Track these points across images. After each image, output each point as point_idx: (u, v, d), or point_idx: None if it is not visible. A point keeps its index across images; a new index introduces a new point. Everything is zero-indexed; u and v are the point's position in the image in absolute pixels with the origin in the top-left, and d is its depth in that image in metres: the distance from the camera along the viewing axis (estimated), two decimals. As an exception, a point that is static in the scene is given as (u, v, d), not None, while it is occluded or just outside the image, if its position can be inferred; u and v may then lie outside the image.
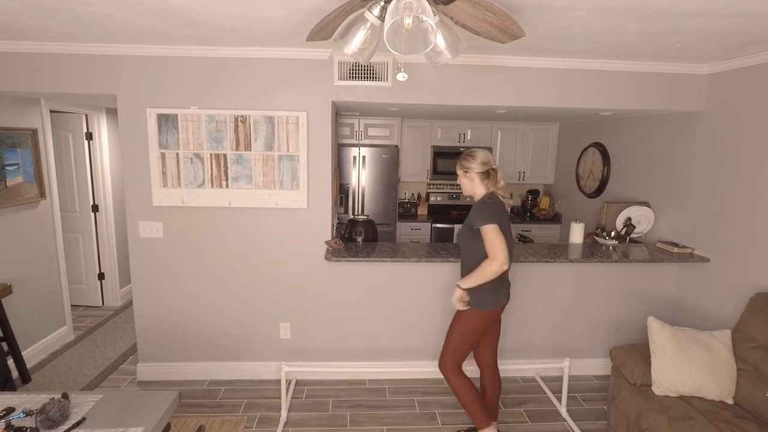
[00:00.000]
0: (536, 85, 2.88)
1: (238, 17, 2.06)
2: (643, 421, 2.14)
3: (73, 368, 3.25)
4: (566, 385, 2.79)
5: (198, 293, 3.03)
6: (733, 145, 2.72)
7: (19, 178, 3.10)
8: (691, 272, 3.05)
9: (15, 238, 3.12)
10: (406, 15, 1.24)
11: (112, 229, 4.35)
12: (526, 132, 5.06)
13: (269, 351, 3.12)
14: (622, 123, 3.87)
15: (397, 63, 2.72)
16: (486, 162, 2.22)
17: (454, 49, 1.53)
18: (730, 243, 2.74)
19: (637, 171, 3.64)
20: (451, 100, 2.88)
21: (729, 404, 2.17)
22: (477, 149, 2.28)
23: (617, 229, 3.34)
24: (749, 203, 2.61)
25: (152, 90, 2.76)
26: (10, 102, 3.03)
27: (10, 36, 2.48)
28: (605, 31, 2.17)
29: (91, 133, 4.10)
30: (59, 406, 1.57)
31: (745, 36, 2.19)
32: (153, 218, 2.91)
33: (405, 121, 4.89)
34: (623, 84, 2.90)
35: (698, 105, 2.95)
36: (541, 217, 5.11)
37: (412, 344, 3.12)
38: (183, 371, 3.11)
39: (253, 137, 2.83)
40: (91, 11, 1.99)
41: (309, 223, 2.97)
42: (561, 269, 3.10)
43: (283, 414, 2.69)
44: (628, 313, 3.20)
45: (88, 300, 4.38)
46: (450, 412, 2.81)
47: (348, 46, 1.50)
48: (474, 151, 2.27)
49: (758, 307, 2.32)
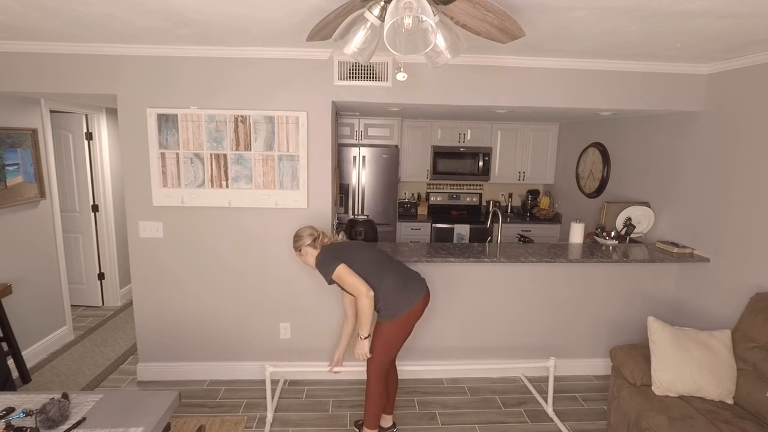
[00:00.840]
0: (536, 85, 2.88)
1: (238, 17, 2.06)
2: (643, 421, 2.14)
3: (73, 368, 3.25)
4: (552, 385, 2.80)
5: (198, 293, 3.03)
6: (733, 145, 2.72)
7: (19, 178, 3.10)
8: (691, 272, 3.05)
9: (15, 238, 3.12)
10: (406, 15, 1.24)
11: (112, 229, 4.35)
12: (526, 132, 5.06)
13: (269, 351, 3.12)
14: (622, 123, 3.87)
15: (397, 63, 2.72)
16: (311, 233, 2.36)
17: (454, 49, 1.53)
18: (730, 243, 2.74)
19: (637, 171, 3.64)
20: (451, 100, 2.88)
21: (729, 404, 2.17)
22: (298, 230, 2.40)
23: (617, 229, 3.34)
24: (749, 203, 2.61)
25: (152, 90, 2.76)
26: (10, 102, 3.03)
27: (10, 36, 2.48)
28: (605, 32, 2.17)
29: (91, 133, 4.10)
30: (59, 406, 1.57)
31: (745, 36, 2.19)
32: (153, 218, 2.91)
33: (405, 121, 4.89)
34: (623, 84, 2.90)
35: (698, 105, 2.96)
36: (541, 217, 5.12)
37: (412, 344, 3.12)
38: (183, 371, 3.11)
39: (253, 137, 2.83)
40: (91, 11, 1.99)
41: (309, 223, 2.97)
42: (561, 269, 3.10)
43: (269, 415, 2.69)
44: (628, 313, 3.20)
45: (88, 300, 4.38)
46: (450, 412, 2.81)
47: (348, 46, 1.50)
48: (297, 231, 2.39)
49: (758, 307, 2.32)
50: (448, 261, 2.83)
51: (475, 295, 3.08)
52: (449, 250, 3.01)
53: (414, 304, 2.26)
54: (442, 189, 5.47)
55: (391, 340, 2.30)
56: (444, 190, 5.47)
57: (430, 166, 5.05)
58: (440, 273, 3.03)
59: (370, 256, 2.32)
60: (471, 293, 3.07)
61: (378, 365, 2.32)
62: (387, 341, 2.30)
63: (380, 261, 2.32)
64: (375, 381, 2.33)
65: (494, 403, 2.90)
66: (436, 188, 5.47)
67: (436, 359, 3.15)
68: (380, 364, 2.32)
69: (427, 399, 2.94)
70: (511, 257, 2.85)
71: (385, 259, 2.36)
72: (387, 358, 2.33)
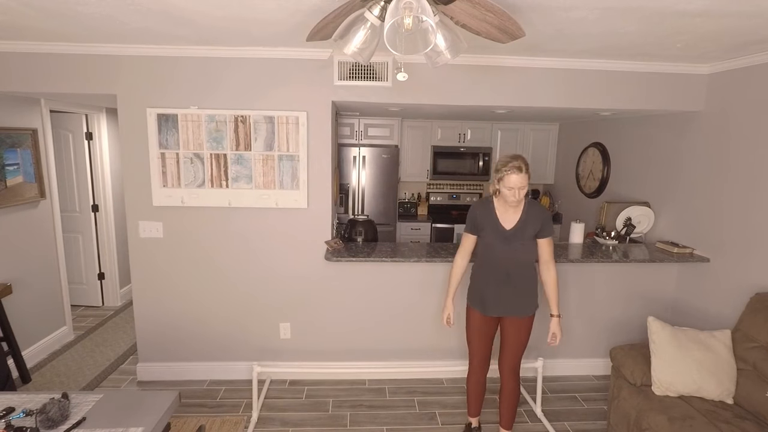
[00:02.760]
0: (536, 85, 2.88)
1: (238, 17, 2.06)
2: (643, 421, 2.14)
3: (73, 368, 3.25)
4: (540, 385, 2.81)
5: (198, 293, 3.03)
6: (733, 144, 2.72)
7: (19, 178, 3.10)
8: (691, 272, 3.05)
9: (15, 238, 3.12)
10: (406, 15, 1.24)
11: (112, 229, 4.34)
12: (526, 132, 5.06)
13: (269, 351, 3.12)
14: (622, 123, 3.87)
15: (397, 63, 2.72)
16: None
17: (454, 49, 1.53)
18: (730, 243, 2.74)
19: (637, 171, 3.64)
20: (451, 100, 2.88)
21: (729, 404, 2.17)
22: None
23: (617, 229, 3.34)
24: (749, 203, 2.61)
25: (152, 90, 2.76)
26: (10, 102, 3.03)
27: (10, 36, 2.48)
28: (605, 32, 2.17)
29: (91, 133, 4.10)
30: (59, 406, 1.57)
31: (745, 36, 2.19)
32: (153, 218, 2.91)
33: (405, 121, 4.89)
34: (623, 84, 2.90)
35: (698, 105, 2.95)
36: (541, 217, 5.11)
37: (412, 344, 3.12)
38: (183, 371, 3.11)
39: (253, 137, 2.83)
40: (91, 11, 1.99)
41: (309, 223, 2.97)
42: (561, 269, 3.09)
43: (254, 415, 2.68)
44: (628, 313, 3.20)
45: (88, 300, 4.37)
46: (450, 412, 2.81)
47: (348, 46, 1.50)
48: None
49: (758, 307, 2.32)
50: (448, 261, 2.83)
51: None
52: (449, 250, 3.01)
53: (477, 306, 2.34)
54: (442, 189, 5.47)
55: (467, 325, 2.44)
56: (444, 190, 5.47)
57: (430, 166, 5.05)
58: (440, 273, 3.03)
59: (489, 239, 2.29)
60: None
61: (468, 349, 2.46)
62: (466, 325, 2.46)
63: (491, 245, 2.29)
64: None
65: (494, 403, 2.90)
66: (436, 188, 5.47)
67: (436, 359, 3.15)
68: (468, 347, 2.45)
69: (427, 399, 2.94)
70: (511, 257, 2.85)
71: None
72: (469, 343, 2.43)
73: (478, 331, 2.36)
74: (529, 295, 2.28)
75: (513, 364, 2.36)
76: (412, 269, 3.03)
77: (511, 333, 2.33)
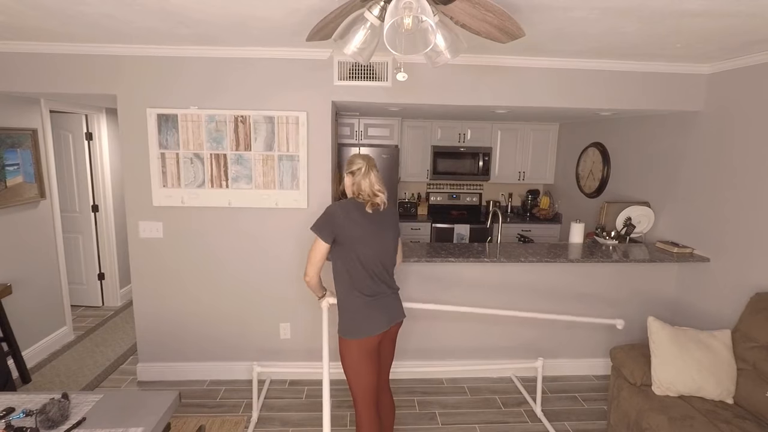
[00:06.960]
0: (536, 85, 2.88)
1: (238, 17, 2.06)
2: (643, 421, 2.14)
3: (73, 368, 3.25)
4: (540, 385, 2.80)
5: (198, 293, 3.03)
6: (734, 144, 2.72)
7: (19, 178, 3.10)
8: (691, 272, 3.05)
9: (15, 238, 3.12)
10: (406, 15, 1.24)
11: (112, 229, 4.34)
12: (526, 132, 5.06)
13: (269, 351, 3.12)
14: (622, 123, 3.87)
15: (397, 63, 2.72)
16: (357, 168, 2.03)
17: (454, 49, 1.52)
18: (730, 243, 2.74)
19: (637, 171, 3.64)
20: (451, 100, 2.88)
21: (729, 404, 2.17)
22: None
23: (617, 228, 3.34)
24: (749, 203, 2.61)
25: (152, 90, 2.76)
26: (10, 102, 3.03)
27: (10, 36, 2.48)
28: (605, 32, 2.17)
29: (91, 133, 4.10)
30: (59, 406, 1.57)
31: (745, 36, 2.19)
32: (153, 218, 2.91)
33: (405, 121, 4.89)
34: (623, 84, 2.90)
35: (698, 105, 2.95)
36: (541, 217, 5.11)
37: (412, 344, 3.12)
38: (183, 371, 3.11)
39: (253, 137, 2.83)
40: (91, 11, 1.99)
41: (309, 223, 2.93)
42: (561, 269, 3.10)
43: (254, 415, 2.69)
44: (628, 313, 3.19)
45: (88, 300, 4.37)
46: (450, 412, 2.81)
47: (348, 46, 1.50)
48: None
49: (758, 307, 2.32)
50: (448, 261, 2.83)
51: (475, 295, 3.07)
52: (449, 250, 3.01)
53: (363, 335, 1.92)
54: (442, 189, 5.47)
55: (347, 363, 1.96)
56: (444, 190, 5.47)
57: (430, 166, 5.04)
58: (440, 273, 3.03)
59: (363, 255, 1.93)
60: (471, 293, 3.07)
61: (356, 390, 1.99)
62: (345, 364, 1.98)
63: (366, 266, 1.94)
64: (360, 408, 2.00)
65: (494, 403, 2.90)
66: (436, 188, 5.47)
67: (435, 359, 3.15)
68: (357, 388, 1.98)
69: (426, 399, 2.94)
70: (511, 257, 2.85)
71: (375, 266, 1.96)
72: (355, 382, 1.97)
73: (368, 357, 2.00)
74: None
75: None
76: (412, 269, 3.03)
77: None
